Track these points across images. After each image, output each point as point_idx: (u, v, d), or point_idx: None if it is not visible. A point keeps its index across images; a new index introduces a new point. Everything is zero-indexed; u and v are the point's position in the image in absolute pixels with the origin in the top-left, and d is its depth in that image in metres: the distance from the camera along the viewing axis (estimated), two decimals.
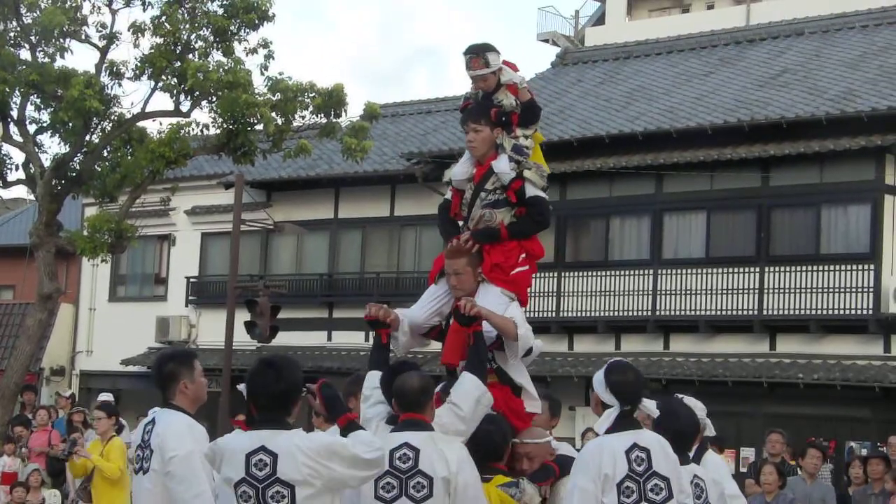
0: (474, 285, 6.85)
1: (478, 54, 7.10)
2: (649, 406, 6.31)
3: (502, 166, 7.01)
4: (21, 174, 22.10)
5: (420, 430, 6.05)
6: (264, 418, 5.42)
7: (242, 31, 21.50)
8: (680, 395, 6.72)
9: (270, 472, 5.25)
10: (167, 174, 22.85)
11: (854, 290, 22.45)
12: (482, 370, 6.42)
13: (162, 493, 6.08)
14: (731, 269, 23.68)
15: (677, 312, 24.18)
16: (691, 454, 6.75)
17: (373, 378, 6.51)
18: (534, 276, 7.14)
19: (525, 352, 6.76)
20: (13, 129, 21.70)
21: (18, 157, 22.20)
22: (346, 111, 22.15)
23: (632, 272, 24.79)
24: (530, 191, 7.04)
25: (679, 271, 24.30)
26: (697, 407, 6.81)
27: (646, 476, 5.96)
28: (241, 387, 6.11)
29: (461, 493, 5.97)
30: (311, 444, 5.33)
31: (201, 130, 21.96)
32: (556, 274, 25.31)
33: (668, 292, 24.36)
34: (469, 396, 6.26)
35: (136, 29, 21.21)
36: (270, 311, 22.76)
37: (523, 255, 6.98)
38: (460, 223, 7.18)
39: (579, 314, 25.25)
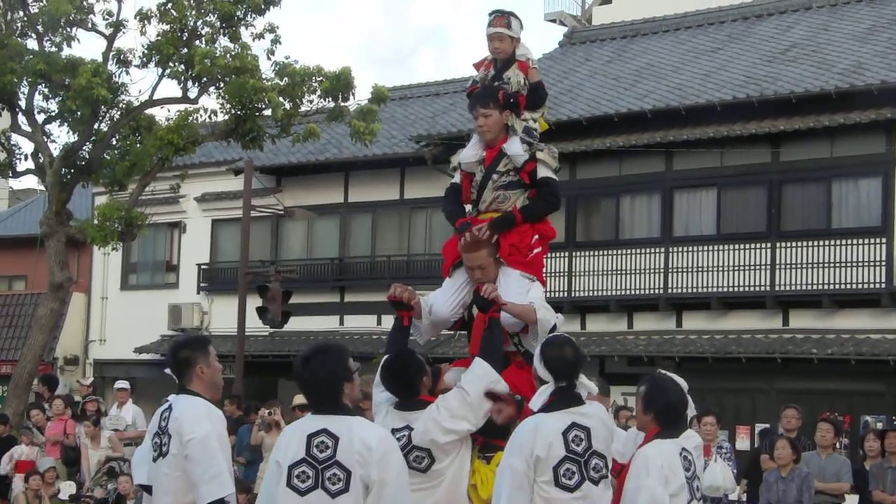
0: (497, 272, 6.87)
1: (503, 14, 7.27)
2: (589, 385, 6.16)
3: (515, 148, 7.00)
4: (30, 164, 22.14)
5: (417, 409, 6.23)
6: (318, 405, 5.41)
7: (249, 16, 21.46)
8: (662, 371, 6.65)
9: (331, 454, 5.25)
10: (176, 161, 22.86)
11: (866, 263, 22.37)
12: (496, 357, 6.38)
13: (181, 476, 6.09)
14: (742, 246, 23.61)
15: (689, 290, 24.12)
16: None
17: None
18: (545, 256, 7.16)
19: (546, 333, 6.76)
20: (21, 118, 21.71)
21: (27, 146, 22.28)
22: (353, 94, 22.08)
23: (643, 250, 24.74)
24: (542, 172, 7.04)
25: (690, 249, 24.24)
26: (681, 383, 6.76)
27: (587, 455, 5.93)
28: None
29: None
30: (371, 443, 5.30)
31: (209, 117, 21.95)
32: (567, 254, 25.25)
33: (680, 270, 24.30)
34: (479, 382, 6.22)
35: (143, 16, 21.18)
36: (282, 296, 22.75)
37: (536, 237, 6.99)
38: (468, 207, 7.18)
39: (591, 293, 25.21)
